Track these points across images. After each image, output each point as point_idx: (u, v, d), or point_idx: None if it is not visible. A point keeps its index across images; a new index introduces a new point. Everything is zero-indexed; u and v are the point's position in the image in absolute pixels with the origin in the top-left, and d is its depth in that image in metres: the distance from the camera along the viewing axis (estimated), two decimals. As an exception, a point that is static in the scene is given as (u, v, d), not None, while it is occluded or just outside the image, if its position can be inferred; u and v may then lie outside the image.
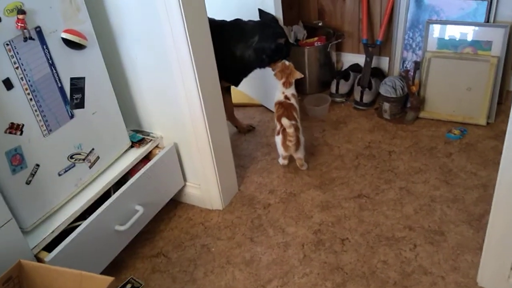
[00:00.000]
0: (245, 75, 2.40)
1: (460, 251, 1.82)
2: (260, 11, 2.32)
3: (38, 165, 1.62)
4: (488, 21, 2.42)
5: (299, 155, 2.29)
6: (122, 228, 1.81)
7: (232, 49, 2.24)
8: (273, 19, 2.30)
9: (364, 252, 1.87)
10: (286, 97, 2.30)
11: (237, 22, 2.29)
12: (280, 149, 2.30)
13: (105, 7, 1.80)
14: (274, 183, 2.28)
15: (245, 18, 2.33)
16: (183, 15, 1.66)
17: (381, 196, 2.12)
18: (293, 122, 2.23)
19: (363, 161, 2.34)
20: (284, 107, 2.29)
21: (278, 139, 2.28)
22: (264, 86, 2.73)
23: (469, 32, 2.43)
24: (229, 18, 2.33)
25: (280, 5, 2.43)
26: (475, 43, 2.43)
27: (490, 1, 2.39)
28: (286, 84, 2.30)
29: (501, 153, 1.40)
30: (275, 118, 2.31)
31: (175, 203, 2.22)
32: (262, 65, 2.33)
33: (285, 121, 2.18)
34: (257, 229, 2.04)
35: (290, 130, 2.17)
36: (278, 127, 2.27)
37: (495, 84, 2.41)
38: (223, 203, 2.15)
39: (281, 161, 2.37)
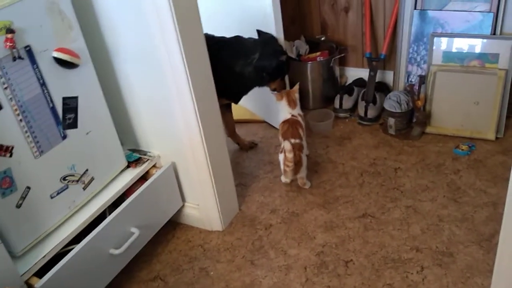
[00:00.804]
0: (245, 92, 2.35)
1: (470, 273, 1.74)
2: (259, 32, 2.28)
3: (29, 188, 1.57)
4: (494, 33, 2.36)
5: (301, 174, 2.22)
6: (116, 251, 1.75)
7: (232, 66, 2.19)
8: (272, 37, 2.26)
9: (369, 276, 1.79)
10: (293, 116, 2.26)
11: (237, 38, 2.25)
12: (283, 167, 2.24)
13: (99, 25, 1.76)
14: (276, 202, 2.21)
15: (246, 34, 2.29)
16: (178, 32, 1.62)
17: (386, 216, 2.04)
18: (298, 140, 2.18)
19: (368, 178, 2.27)
20: (289, 123, 2.25)
21: (281, 157, 2.21)
22: (267, 102, 2.67)
23: (475, 45, 2.37)
24: (229, 34, 2.29)
25: (281, 20, 2.39)
26: (481, 56, 2.37)
27: (496, 13, 2.33)
28: (291, 104, 2.26)
29: (510, 169, 1.33)
30: (280, 136, 2.26)
31: (174, 224, 2.16)
32: (262, 83, 2.28)
33: (287, 145, 2.12)
34: (257, 251, 1.97)
35: (290, 156, 2.11)
36: (283, 145, 2.21)
37: (503, 97, 2.33)
38: (223, 224, 2.09)
39: (283, 179, 2.31)
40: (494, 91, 2.33)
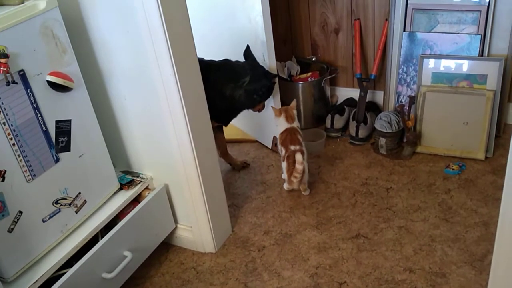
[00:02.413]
0: (235, 115, 2.37)
1: (463, 294, 1.75)
2: (248, 47, 2.31)
3: (21, 212, 1.56)
4: (482, 55, 2.40)
5: (303, 181, 2.28)
6: (109, 275, 1.73)
7: (222, 89, 2.21)
8: (255, 60, 2.30)
9: (363, 297, 1.79)
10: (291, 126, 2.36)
11: (226, 62, 2.28)
12: (286, 175, 2.31)
13: (93, 48, 1.76)
14: (269, 223, 2.21)
15: (238, 56, 2.31)
16: (171, 56, 1.63)
17: (379, 236, 2.04)
18: (297, 147, 2.26)
19: (360, 198, 2.28)
20: (287, 131, 2.32)
21: (284, 165, 2.30)
22: (259, 121, 2.69)
23: (463, 66, 2.41)
24: (221, 57, 2.31)
25: (272, 41, 2.41)
26: (470, 77, 2.41)
27: (483, 35, 2.37)
28: (289, 120, 2.34)
29: (500, 188, 1.34)
30: (280, 143, 2.33)
31: (167, 246, 2.14)
32: (252, 105, 2.31)
33: (298, 157, 2.17)
34: (251, 273, 1.96)
35: (299, 167, 2.18)
36: (284, 152, 2.28)
37: (492, 117, 2.37)
38: (215, 245, 2.08)
39: (286, 186, 2.37)
40: (482, 112, 2.36)
